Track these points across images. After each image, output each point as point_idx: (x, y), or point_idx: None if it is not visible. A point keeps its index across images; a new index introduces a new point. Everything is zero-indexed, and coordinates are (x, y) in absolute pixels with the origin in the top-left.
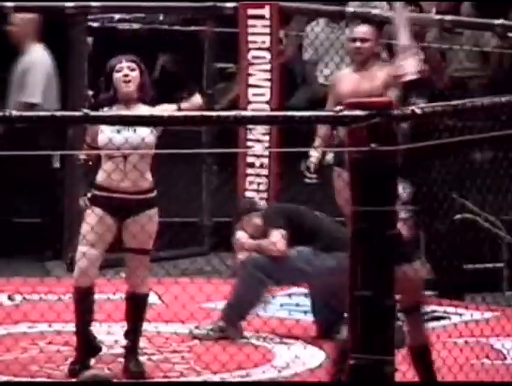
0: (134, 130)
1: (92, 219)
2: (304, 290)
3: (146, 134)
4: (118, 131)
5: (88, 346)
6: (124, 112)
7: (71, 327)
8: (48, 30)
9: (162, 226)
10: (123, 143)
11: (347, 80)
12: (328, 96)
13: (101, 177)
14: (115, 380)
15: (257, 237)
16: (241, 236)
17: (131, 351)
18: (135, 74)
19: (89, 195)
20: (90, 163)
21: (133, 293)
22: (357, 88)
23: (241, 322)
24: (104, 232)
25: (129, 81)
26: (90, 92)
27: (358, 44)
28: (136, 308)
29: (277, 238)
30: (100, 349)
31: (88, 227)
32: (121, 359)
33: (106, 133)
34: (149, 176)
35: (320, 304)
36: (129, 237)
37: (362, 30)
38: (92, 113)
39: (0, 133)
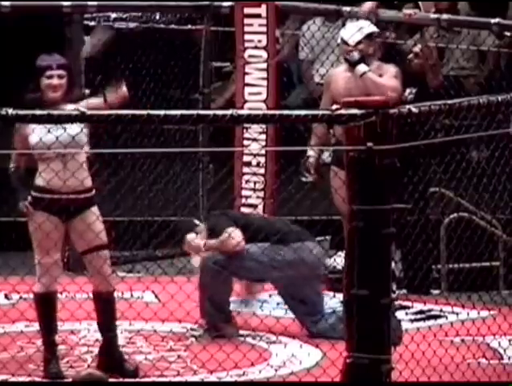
0: (65, 129)
1: (36, 223)
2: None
3: (77, 132)
4: (49, 130)
5: (52, 347)
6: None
7: (68, 326)
8: (45, 28)
9: (158, 224)
10: (53, 142)
11: (341, 79)
12: (323, 94)
13: (39, 179)
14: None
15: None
16: (191, 237)
17: (106, 349)
18: (64, 81)
19: (30, 198)
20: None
21: (97, 293)
22: (351, 86)
23: (229, 315)
24: (53, 233)
25: (57, 89)
26: (87, 91)
27: (350, 48)
28: (103, 307)
29: (232, 231)
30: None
31: (38, 233)
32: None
33: (37, 133)
34: (85, 175)
35: (289, 300)
36: (78, 239)
37: (354, 38)
38: (89, 112)
39: None
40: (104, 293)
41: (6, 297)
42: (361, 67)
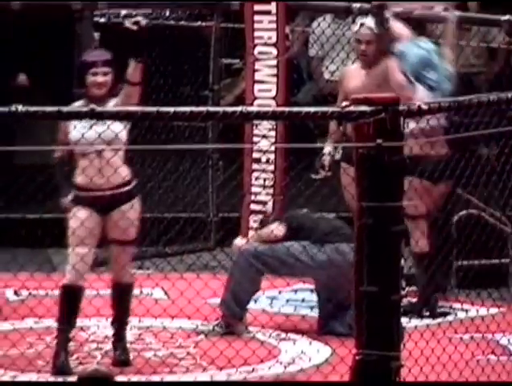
0: (108, 126)
1: (78, 218)
2: (310, 286)
3: (120, 129)
4: (91, 126)
5: (65, 342)
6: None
7: (78, 323)
8: (55, 25)
9: (168, 221)
10: (96, 138)
11: (354, 76)
12: (338, 92)
13: (78, 176)
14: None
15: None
16: (238, 241)
17: (118, 340)
18: (108, 78)
19: (71, 196)
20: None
21: (117, 283)
22: (365, 83)
23: (243, 314)
24: (91, 228)
25: (101, 87)
26: None
27: (363, 47)
28: (121, 297)
29: (274, 226)
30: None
31: (75, 225)
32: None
33: (78, 129)
34: (125, 170)
35: (321, 297)
36: (111, 228)
37: (367, 32)
38: (99, 109)
39: None
40: (122, 283)
41: (16, 293)
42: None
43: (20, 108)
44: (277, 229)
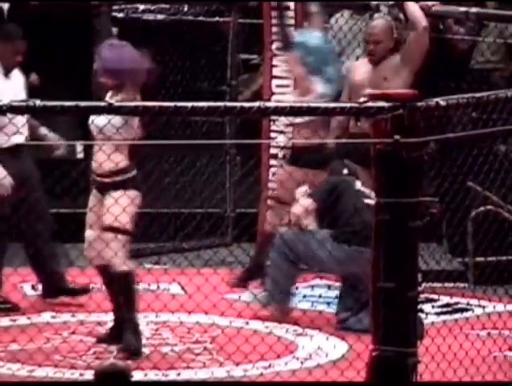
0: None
1: (90, 200)
2: (327, 282)
3: (104, 121)
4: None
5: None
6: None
7: (94, 317)
8: (74, 20)
9: (185, 217)
10: (89, 124)
11: (361, 70)
12: (345, 85)
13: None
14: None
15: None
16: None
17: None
18: None
19: None
20: None
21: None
22: (371, 77)
23: (286, 303)
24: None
25: None
26: None
27: (371, 47)
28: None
29: (299, 206)
30: None
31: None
32: (144, 349)
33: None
34: (117, 159)
35: (342, 291)
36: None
37: (375, 32)
38: (116, 103)
39: None
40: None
41: (33, 288)
42: None
43: (38, 102)
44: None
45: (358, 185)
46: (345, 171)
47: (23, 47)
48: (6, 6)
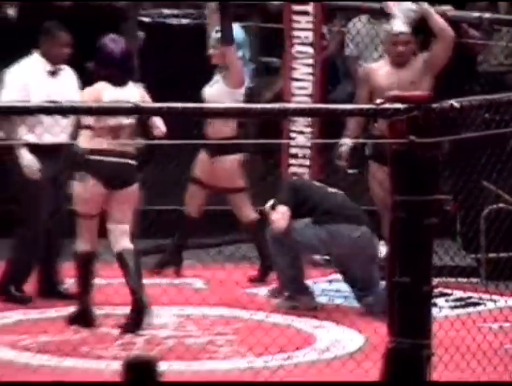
0: None
1: None
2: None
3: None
4: None
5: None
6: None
7: (120, 310)
8: (102, 24)
9: (208, 214)
10: None
11: (384, 74)
12: (360, 87)
13: None
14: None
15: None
16: (267, 205)
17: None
18: None
19: None
20: None
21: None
22: (396, 82)
23: (302, 289)
24: None
25: None
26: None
27: (401, 49)
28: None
29: (277, 216)
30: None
31: None
32: (169, 341)
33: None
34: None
35: (343, 274)
36: None
37: (405, 33)
38: (143, 105)
39: None
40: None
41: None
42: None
43: (65, 103)
44: (279, 221)
45: (316, 183)
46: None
47: (68, 39)
48: (12, 11)
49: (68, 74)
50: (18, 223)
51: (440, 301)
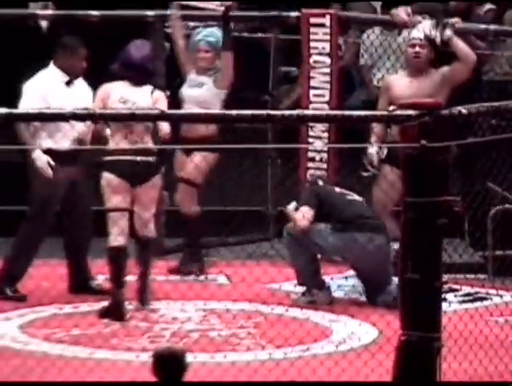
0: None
1: None
2: None
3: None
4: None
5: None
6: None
7: (149, 306)
8: (130, 36)
9: (231, 214)
10: None
11: (403, 85)
12: (380, 97)
13: None
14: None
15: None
16: (291, 206)
17: (142, 291)
18: None
19: None
20: None
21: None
22: (415, 92)
23: (319, 285)
24: None
25: None
26: (167, 92)
27: (417, 49)
28: (143, 250)
29: (299, 218)
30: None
31: None
32: (194, 334)
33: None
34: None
35: (358, 273)
36: None
37: (421, 36)
38: (168, 112)
39: None
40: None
41: (93, 278)
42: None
43: (97, 111)
44: (300, 222)
45: (337, 189)
46: (320, 182)
47: (84, 54)
48: (45, 23)
49: (82, 85)
50: (24, 222)
51: (450, 296)
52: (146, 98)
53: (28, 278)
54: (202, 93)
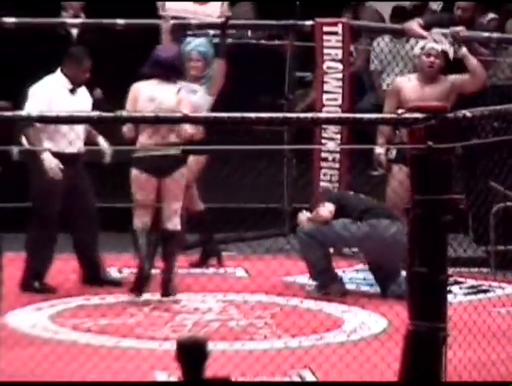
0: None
1: None
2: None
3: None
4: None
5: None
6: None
7: (170, 297)
8: (150, 44)
9: (249, 211)
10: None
11: (413, 88)
12: (387, 99)
13: None
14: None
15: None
16: (302, 215)
17: (166, 281)
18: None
19: None
20: None
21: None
22: (424, 96)
23: (333, 278)
24: None
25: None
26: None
27: (432, 59)
28: (167, 243)
29: (323, 209)
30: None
31: None
32: (214, 324)
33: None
34: None
35: (372, 268)
36: None
37: (437, 47)
38: (191, 115)
39: None
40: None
41: (119, 271)
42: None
43: (124, 113)
44: (324, 211)
45: (351, 192)
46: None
47: (88, 65)
48: (75, 30)
49: (84, 93)
50: (30, 219)
51: (455, 288)
52: (172, 97)
53: (57, 271)
54: (196, 100)
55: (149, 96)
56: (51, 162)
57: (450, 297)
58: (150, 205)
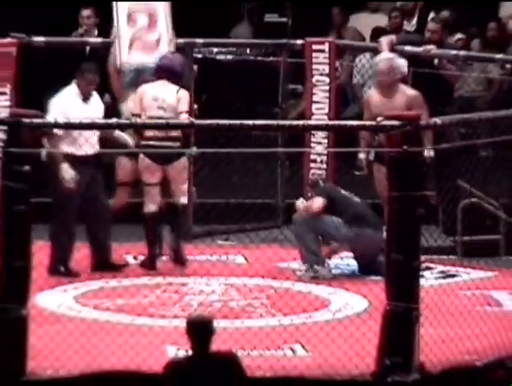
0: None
1: None
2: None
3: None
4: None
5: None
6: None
7: (179, 280)
8: None
9: (248, 205)
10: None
11: (376, 100)
12: (365, 109)
13: None
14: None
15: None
16: (299, 202)
17: (178, 250)
18: None
19: None
20: None
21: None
22: (384, 106)
23: (322, 262)
24: None
25: None
26: (195, 106)
27: (379, 78)
28: (175, 215)
29: (316, 200)
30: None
31: None
32: (217, 304)
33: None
34: None
35: (356, 259)
36: None
37: (380, 68)
38: (197, 122)
39: None
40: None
41: (135, 258)
42: None
43: (138, 120)
44: (314, 206)
45: (342, 190)
46: (320, 182)
47: (95, 80)
48: (87, 47)
49: (96, 100)
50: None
51: (426, 273)
52: (172, 96)
53: (82, 257)
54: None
55: (153, 95)
56: (67, 173)
57: (422, 281)
58: (156, 185)
